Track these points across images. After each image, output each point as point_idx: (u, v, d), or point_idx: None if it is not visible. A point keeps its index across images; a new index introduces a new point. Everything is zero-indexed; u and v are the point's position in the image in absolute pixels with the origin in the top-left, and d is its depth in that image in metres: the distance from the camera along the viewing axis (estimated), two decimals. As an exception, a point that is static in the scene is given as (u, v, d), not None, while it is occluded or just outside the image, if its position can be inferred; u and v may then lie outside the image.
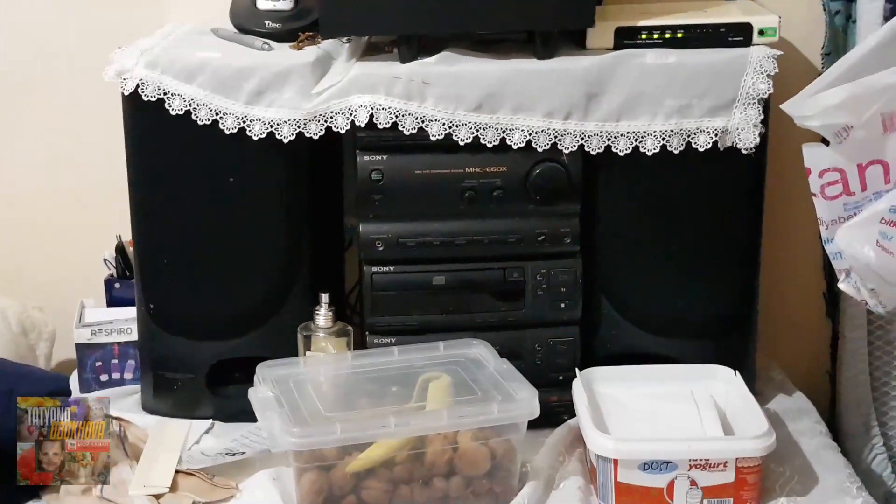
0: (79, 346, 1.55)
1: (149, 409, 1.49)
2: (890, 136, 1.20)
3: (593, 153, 1.39)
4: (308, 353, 1.43)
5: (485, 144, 1.38)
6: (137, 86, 1.37)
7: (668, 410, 1.36)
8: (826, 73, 1.24)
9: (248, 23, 1.48)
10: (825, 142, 1.26)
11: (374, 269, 1.43)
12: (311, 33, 1.46)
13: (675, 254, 1.44)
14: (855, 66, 1.21)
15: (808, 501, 1.30)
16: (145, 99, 1.37)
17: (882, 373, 1.58)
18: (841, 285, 1.29)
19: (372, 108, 1.36)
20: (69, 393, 1.46)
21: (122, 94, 1.39)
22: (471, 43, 1.43)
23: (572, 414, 1.39)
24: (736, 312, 1.47)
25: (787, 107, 1.25)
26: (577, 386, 1.38)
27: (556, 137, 1.38)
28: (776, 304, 1.66)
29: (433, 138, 1.38)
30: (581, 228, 1.42)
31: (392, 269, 1.43)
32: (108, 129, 1.49)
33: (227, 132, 1.38)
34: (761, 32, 1.40)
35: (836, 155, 1.23)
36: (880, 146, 1.21)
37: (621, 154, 1.38)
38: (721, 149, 1.38)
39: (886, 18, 1.38)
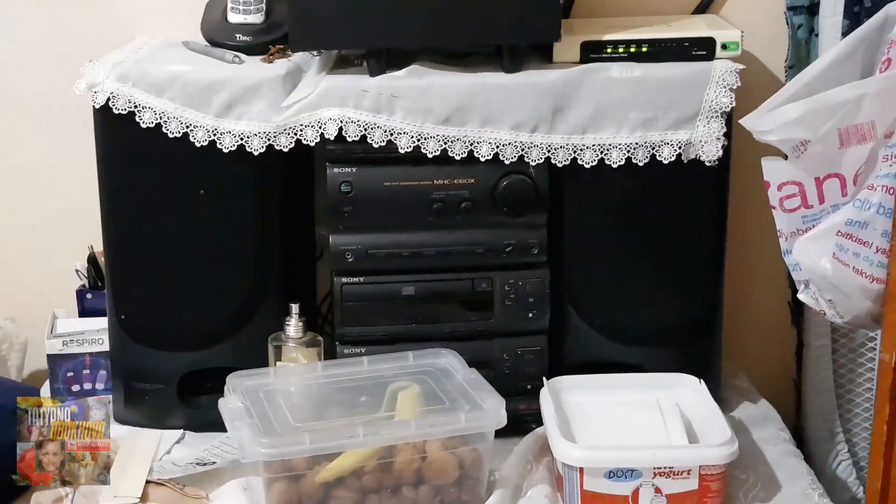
0: (50, 357, 1.56)
1: (120, 419, 1.50)
2: (846, 151, 1.22)
3: (560, 165, 1.41)
4: (278, 363, 1.44)
5: (453, 157, 1.40)
6: (108, 99, 1.38)
7: (634, 418, 1.38)
8: (783, 89, 1.26)
9: (218, 36, 1.49)
10: (784, 155, 1.29)
11: (344, 279, 1.44)
12: (281, 46, 1.47)
13: (641, 264, 1.46)
14: (812, 82, 1.24)
15: (771, 508, 1.32)
16: (116, 112, 1.39)
17: (846, 380, 1.61)
18: (800, 296, 1.31)
19: (341, 121, 1.38)
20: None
21: (93, 107, 1.40)
22: (439, 56, 1.45)
23: (540, 422, 1.41)
24: (701, 321, 1.49)
25: (745, 122, 1.27)
26: (545, 395, 1.40)
27: (523, 150, 1.40)
28: (742, 312, 1.68)
29: (402, 151, 1.39)
30: (548, 239, 1.44)
31: (362, 279, 1.44)
32: (79, 141, 1.50)
33: (198, 145, 1.39)
34: (724, 46, 1.42)
35: (794, 168, 1.25)
36: (837, 160, 1.23)
37: (587, 166, 1.40)
38: (685, 161, 1.40)
39: (845, 34, 1.40)
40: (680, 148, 1.39)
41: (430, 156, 1.40)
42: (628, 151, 1.40)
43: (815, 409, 1.63)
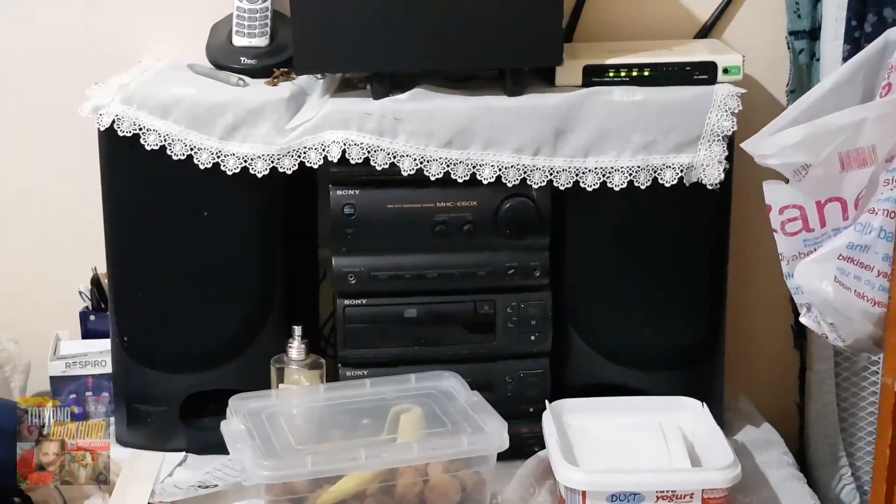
0: (53, 379, 1.56)
1: (122, 441, 1.49)
2: (847, 175, 1.23)
3: (562, 188, 1.41)
4: (281, 385, 1.44)
5: (455, 179, 1.40)
6: (113, 121, 1.39)
7: (636, 442, 1.38)
8: (784, 113, 1.27)
9: (223, 59, 1.50)
10: (786, 179, 1.29)
11: (347, 301, 1.44)
12: (285, 70, 1.48)
13: (643, 287, 1.46)
14: (813, 107, 1.24)
15: (774, 532, 1.32)
16: (121, 134, 1.39)
17: (849, 403, 1.61)
18: (803, 319, 1.31)
19: (345, 144, 1.39)
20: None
21: (98, 129, 1.41)
22: (442, 80, 1.46)
23: (543, 445, 1.41)
24: (703, 344, 1.49)
25: (746, 146, 1.28)
26: (547, 417, 1.40)
27: (525, 173, 1.40)
28: (744, 335, 1.68)
29: (405, 173, 1.40)
30: (550, 262, 1.44)
31: (364, 301, 1.44)
32: (84, 163, 1.50)
33: (202, 167, 1.40)
34: (726, 71, 1.43)
35: (795, 192, 1.26)
36: (838, 184, 1.24)
37: (589, 189, 1.41)
38: (687, 184, 1.41)
39: (846, 59, 1.41)
40: (682, 171, 1.40)
41: (432, 178, 1.40)
42: (630, 174, 1.40)
43: (818, 433, 1.63)
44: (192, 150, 1.39)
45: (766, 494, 1.39)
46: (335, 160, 1.39)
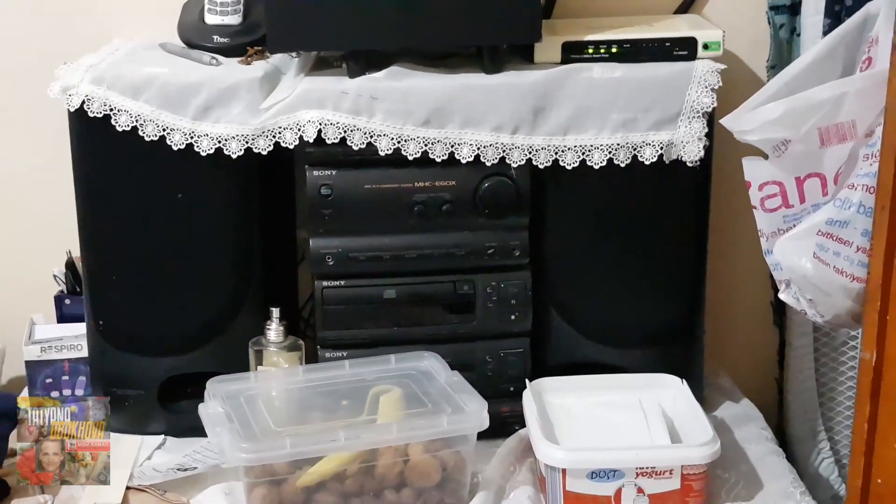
0: (29, 363, 1.54)
1: (100, 425, 1.49)
2: (827, 150, 1.22)
3: (541, 167, 1.40)
4: (259, 367, 1.43)
5: (434, 159, 1.39)
6: (83, 102, 1.37)
7: (616, 419, 1.38)
8: (764, 89, 1.26)
9: (196, 38, 1.48)
10: (765, 155, 1.29)
11: (325, 283, 1.43)
12: (259, 48, 1.46)
13: (623, 265, 1.46)
14: (792, 81, 1.24)
15: (753, 507, 1.32)
16: (91, 115, 1.37)
17: (828, 378, 1.61)
18: (781, 296, 1.31)
19: (320, 124, 1.37)
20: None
21: (69, 110, 1.38)
22: (419, 58, 1.44)
23: (523, 424, 1.40)
24: (683, 321, 1.49)
25: (726, 122, 1.27)
26: (528, 396, 1.40)
27: (504, 151, 1.39)
28: (724, 312, 1.68)
29: (382, 153, 1.38)
30: (530, 241, 1.44)
31: (343, 283, 1.43)
32: (56, 145, 1.48)
33: (175, 148, 1.38)
34: (706, 46, 1.42)
35: (774, 168, 1.25)
36: (818, 159, 1.23)
37: (569, 167, 1.40)
38: (667, 162, 1.40)
39: (826, 33, 1.40)
40: (661, 149, 1.39)
41: (410, 158, 1.39)
42: (610, 152, 1.39)
43: (797, 408, 1.63)
44: (164, 130, 1.37)
45: (746, 469, 1.39)
46: (311, 140, 1.38)
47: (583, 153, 1.39)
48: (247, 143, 1.38)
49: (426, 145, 1.38)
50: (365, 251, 1.42)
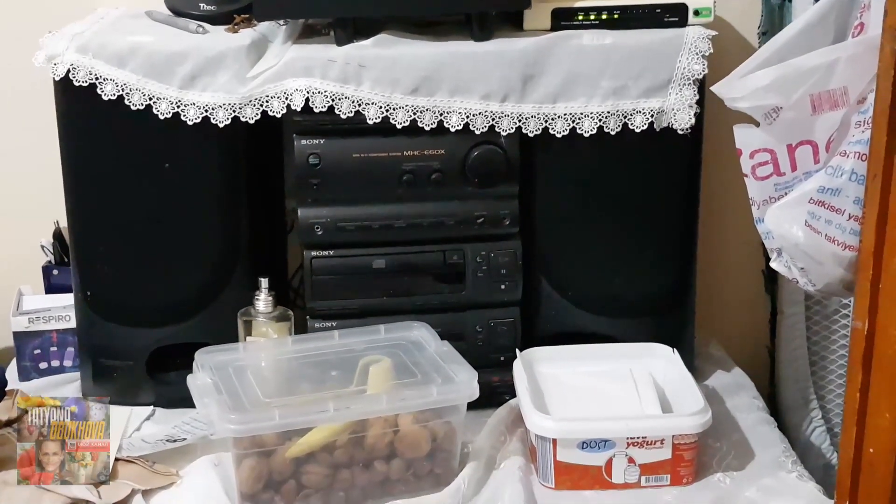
0: (17, 335, 1.54)
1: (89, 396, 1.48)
2: (819, 117, 1.21)
3: (531, 135, 1.39)
4: (248, 338, 1.42)
5: (422, 127, 1.38)
6: (68, 71, 1.35)
7: (607, 389, 1.38)
8: (755, 55, 1.24)
9: (182, 6, 1.46)
10: (756, 123, 1.28)
11: (314, 253, 1.42)
12: (246, 16, 1.44)
13: (614, 233, 1.45)
14: (784, 48, 1.22)
15: (744, 476, 1.32)
16: (77, 84, 1.36)
17: (820, 347, 1.61)
18: (773, 264, 1.31)
19: (308, 92, 1.36)
20: (4, 383, 1.44)
21: (53, 79, 1.37)
22: (407, 25, 1.42)
23: (514, 394, 1.40)
24: (674, 290, 1.49)
25: (717, 88, 1.26)
26: (518, 366, 1.39)
27: (493, 120, 1.38)
28: (715, 281, 1.68)
29: (370, 122, 1.37)
30: (520, 210, 1.43)
31: (331, 253, 1.42)
32: (41, 114, 1.47)
33: (162, 117, 1.36)
34: (696, 13, 1.40)
35: (766, 136, 1.24)
36: (809, 127, 1.22)
37: (559, 136, 1.39)
38: (657, 129, 1.39)
39: (817, -1, 1.39)
40: (652, 116, 1.38)
41: (399, 127, 1.37)
42: (600, 120, 1.38)
43: (788, 377, 1.63)
44: (150, 99, 1.36)
45: (737, 438, 1.39)
46: (298, 109, 1.36)
47: (573, 121, 1.38)
48: (234, 112, 1.36)
49: (415, 114, 1.37)
50: (354, 221, 1.41)
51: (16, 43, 1.52)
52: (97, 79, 1.35)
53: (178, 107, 1.36)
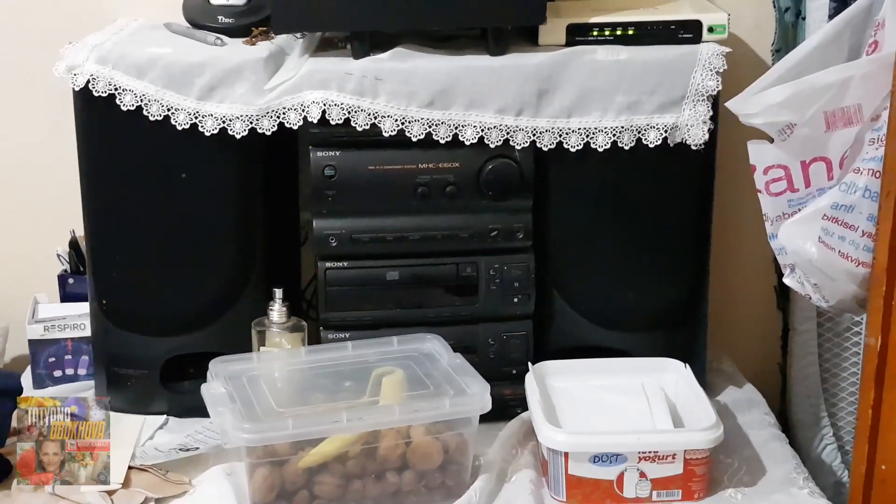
0: (32, 342, 1.55)
1: (103, 405, 1.49)
2: (832, 134, 1.22)
3: (545, 149, 1.40)
4: (262, 348, 1.43)
5: (437, 140, 1.39)
6: (88, 81, 1.37)
7: (619, 403, 1.38)
8: (769, 72, 1.25)
9: (200, 18, 1.48)
10: (770, 139, 1.28)
11: (328, 264, 1.43)
12: (264, 28, 1.46)
13: (626, 248, 1.45)
14: (798, 65, 1.23)
15: (756, 492, 1.32)
16: (96, 94, 1.37)
17: (831, 364, 1.61)
18: (786, 280, 1.31)
19: (324, 104, 1.37)
20: (20, 390, 1.45)
21: (73, 89, 1.38)
22: (424, 39, 1.43)
23: (525, 407, 1.41)
24: (686, 305, 1.49)
25: (731, 105, 1.27)
26: (530, 379, 1.40)
27: (508, 133, 1.39)
28: (728, 296, 1.68)
29: (386, 134, 1.38)
30: (533, 224, 1.43)
31: (346, 264, 1.43)
32: (60, 124, 1.48)
33: (179, 128, 1.38)
34: (711, 29, 1.41)
35: (780, 152, 1.25)
36: (823, 143, 1.23)
37: (573, 150, 1.39)
38: (671, 145, 1.40)
39: (832, 16, 1.40)
40: (666, 132, 1.39)
41: (414, 139, 1.38)
42: (614, 135, 1.39)
43: (800, 394, 1.63)
44: (168, 110, 1.37)
45: (748, 454, 1.39)
46: (315, 121, 1.37)
47: (587, 136, 1.39)
48: (251, 123, 1.37)
49: (430, 127, 1.38)
50: (368, 232, 1.42)
51: (36, 53, 1.54)
52: (116, 89, 1.37)
53: (196, 118, 1.37)
